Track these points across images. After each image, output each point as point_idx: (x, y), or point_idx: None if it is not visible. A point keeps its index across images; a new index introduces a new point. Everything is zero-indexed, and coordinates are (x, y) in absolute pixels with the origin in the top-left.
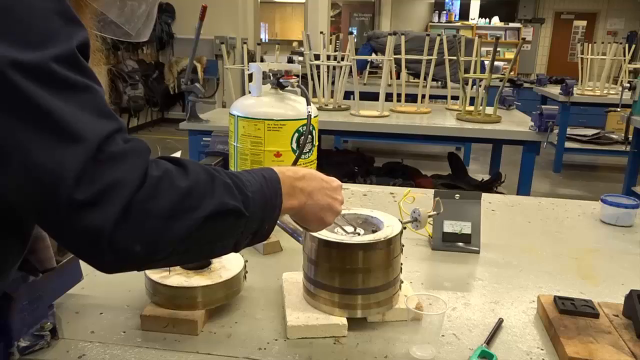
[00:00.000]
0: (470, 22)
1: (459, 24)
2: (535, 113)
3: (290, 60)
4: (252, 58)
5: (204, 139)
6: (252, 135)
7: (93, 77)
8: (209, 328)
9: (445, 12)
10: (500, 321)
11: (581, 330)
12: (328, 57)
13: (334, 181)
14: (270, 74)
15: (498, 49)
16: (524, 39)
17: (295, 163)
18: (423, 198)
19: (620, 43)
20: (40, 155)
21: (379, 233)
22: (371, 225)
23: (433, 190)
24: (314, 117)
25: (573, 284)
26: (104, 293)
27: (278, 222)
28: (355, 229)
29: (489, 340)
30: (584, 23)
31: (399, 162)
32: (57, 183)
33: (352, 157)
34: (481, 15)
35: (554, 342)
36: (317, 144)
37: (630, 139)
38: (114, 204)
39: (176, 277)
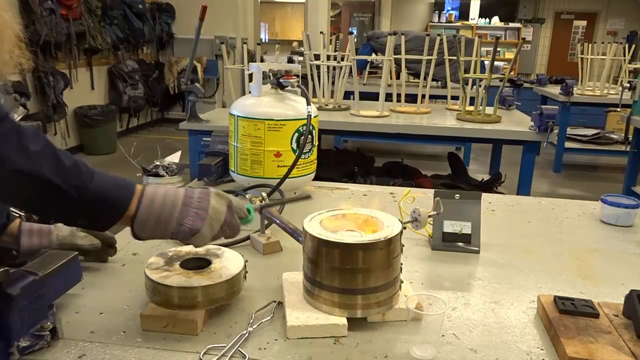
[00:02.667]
0: (470, 22)
1: (459, 24)
2: (535, 113)
3: (290, 60)
4: (252, 58)
5: (204, 139)
6: (252, 135)
7: None
8: (209, 328)
9: (445, 12)
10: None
11: (581, 330)
12: (328, 57)
13: (203, 201)
14: (270, 74)
15: (498, 49)
16: (524, 39)
17: (295, 163)
18: (423, 198)
19: (620, 43)
20: None
21: (379, 233)
22: (371, 225)
23: (433, 190)
24: (314, 117)
25: (573, 284)
26: (104, 293)
27: (277, 221)
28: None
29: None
30: (584, 23)
31: (399, 162)
32: None
33: (352, 157)
34: (481, 15)
35: (554, 342)
36: (317, 144)
37: (630, 139)
38: None
39: (176, 277)
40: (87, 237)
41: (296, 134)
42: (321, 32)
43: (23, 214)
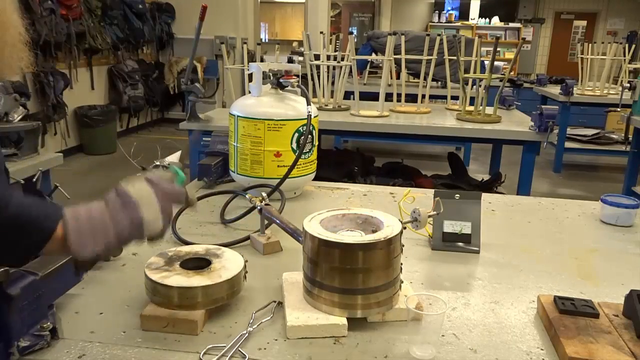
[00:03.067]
0: (470, 22)
1: (459, 24)
2: (535, 113)
3: (290, 60)
4: (252, 58)
5: (204, 139)
6: (252, 135)
7: None
8: (209, 328)
9: (445, 12)
10: None
11: (581, 330)
12: (328, 57)
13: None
14: (270, 74)
15: (498, 49)
16: (524, 39)
17: (295, 163)
18: (423, 198)
19: (620, 43)
20: None
21: (379, 233)
22: (371, 225)
23: (433, 190)
24: (314, 117)
25: (573, 284)
26: (104, 293)
27: (277, 221)
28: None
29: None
30: (584, 23)
31: (399, 162)
32: None
33: (352, 157)
34: (481, 15)
35: (554, 342)
36: (317, 144)
37: (630, 139)
38: None
39: (176, 277)
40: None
41: (296, 134)
42: (321, 32)
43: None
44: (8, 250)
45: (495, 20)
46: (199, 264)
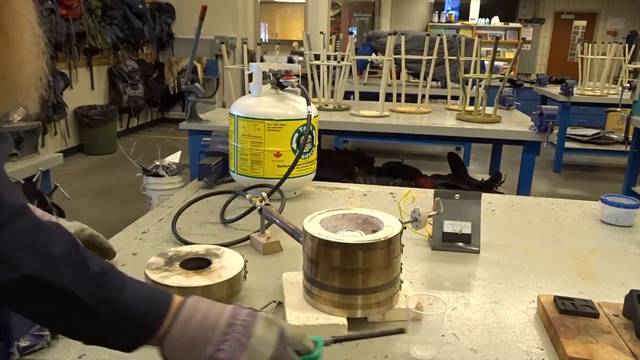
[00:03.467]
0: (470, 22)
1: (459, 24)
2: (535, 113)
3: (290, 60)
4: (252, 58)
5: (204, 139)
6: (252, 135)
7: None
8: None
9: (445, 12)
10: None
11: (581, 330)
12: (328, 57)
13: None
14: (270, 74)
15: (498, 49)
16: (524, 39)
17: (295, 163)
18: (423, 198)
19: (620, 43)
20: None
21: (379, 233)
22: (371, 225)
23: (433, 190)
24: (314, 117)
25: (573, 284)
26: None
27: (277, 221)
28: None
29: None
30: (584, 23)
31: (399, 162)
32: None
33: (352, 157)
34: (481, 15)
35: (554, 342)
36: (317, 144)
37: (630, 139)
38: None
39: (176, 277)
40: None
41: (296, 134)
42: (321, 32)
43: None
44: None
45: (495, 20)
46: (199, 264)
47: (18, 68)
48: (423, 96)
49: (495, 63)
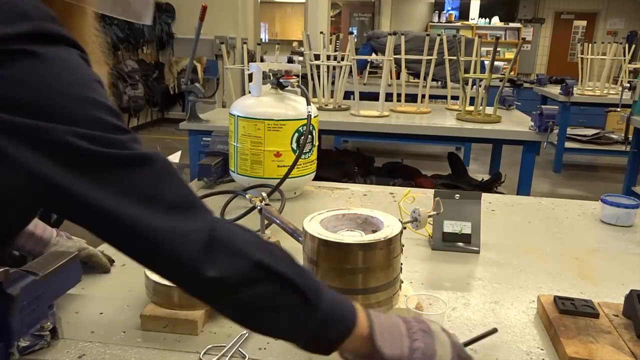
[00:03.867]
0: (470, 22)
1: (459, 24)
2: (535, 113)
3: (290, 60)
4: (252, 58)
5: (204, 139)
6: (252, 135)
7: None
8: (209, 328)
9: (445, 12)
10: (494, 330)
11: (581, 330)
12: (328, 57)
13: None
14: (270, 74)
15: (498, 49)
16: (524, 39)
17: (295, 163)
18: (423, 198)
19: (620, 43)
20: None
21: (379, 233)
22: (371, 225)
23: (433, 190)
24: (314, 117)
25: (573, 284)
26: (104, 293)
27: (277, 221)
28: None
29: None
30: (584, 23)
31: (399, 162)
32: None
33: (352, 157)
34: (481, 15)
35: (554, 342)
36: (317, 144)
37: (630, 139)
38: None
39: None
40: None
41: (296, 134)
42: (321, 32)
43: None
44: (312, 342)
45: (495, 20)
46: None
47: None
48: (423, 96)
49: (495, 63)
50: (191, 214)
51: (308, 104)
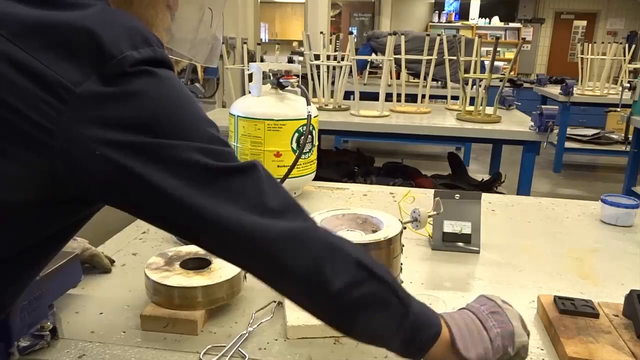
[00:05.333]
0: (470, 22)
1: (459, 24)
2: (535, 113)
3: (290, 60)
4: (252, 58)
5: None
6: (252, 135)
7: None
8: (209, 328)
9: (445, 12)
10: None
11: (581, 330)
12: (328, 57)
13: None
14: (270, 74)
15: (498, 49)
16: (524, 39)
17: (295, 163)
18: (423, 198)
19: (620, 43)
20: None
21: (379, 233)
22: (371, 225)
23: (433, 190)
24: (314, 117)
25: (573, 284)
26: (104, 293)
27: None
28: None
29: None
30: (584, 23)
31: (399, 162)
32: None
33: (352, 157)
34: (481, 15)
35: (554, 342)
36: (317, 144)
37: (630, 139)
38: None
39: (176, 277)
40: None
41: (296, 134)
42: (321, 32)
43: None
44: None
45: (495, 20)
46: (199, 264)
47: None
48: (423, 96)
49: (495, 63)
50: (295, 215)
51: (308, 104)
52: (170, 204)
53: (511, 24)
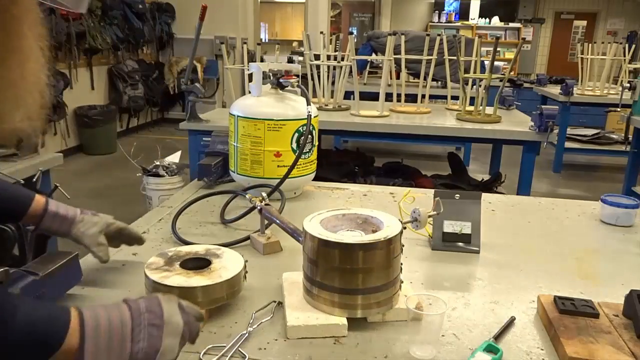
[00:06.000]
0: (470, 22)
1: (459, 24)
2: (535, 113)
3: (290, 60)
4: (252, 58)
5: (204, 139)
6: (252, 135)
7: None
8: (209, 328)
9: (445, 12)
10: (512, 319)
11: (581, 330)
12: (328, 57)
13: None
14: (270, 74)
15: (498, 49)
16: (524, 39)
17: (295, 163)
18: (423, 198)
19: (620, 43)
20: None
21: (379, 233)
22: (371, 225)
23: (433, 190)
24: (314, 117)
25: (573, 284)
26: (104, 293)
27: (277, 221)
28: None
29: (497, 337)
30: (584, 23)
31: (399, 162)
32: None
33: (352, 157)
34: (481, 15)
35: (554, 342)
36: (317, 144)
37: (630, 139)
38: None
39: (176, 277)
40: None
41: (296, 134)
42: (321, 32)
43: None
44: None
45: (495, 20)
46: (199, 264)
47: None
48: (423, 96)
49: (495, 63)
50: None
51: (308, 104)
52: None
53: (511, 24)
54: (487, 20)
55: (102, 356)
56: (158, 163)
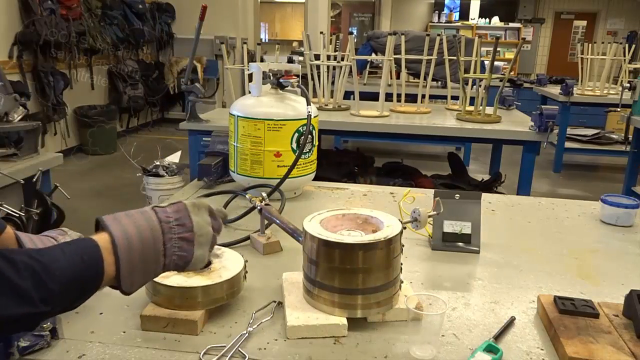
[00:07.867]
0: (470, 22)
1: (459, 24)
2: (535, 113)
3: (290, 60)
4: (252, 58)
5: (204, 139)
6: (252, 135)
7: None
8: (209, 328)
9: (445, 12)
10: (512, 319)
11: (581, 330)
12: (328, 57)
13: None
14: (270, 74)
15: (498, 49)
16: (524, 39)
17: (295, 163)
18: (423, 198)
19: (620, 43)
20: None
21: (379, 233)
22: (371, 225)
23: (433, 190)
24: (314, 117)
25: (573, 284)
26: (104, 293)
27: (277, 221)
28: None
29: (498, 337)
30: (584, 23)
31: (399, 162)
32: None
33: (352, 157)
34: (481, 15)
35: (554, 342)
36: (317, 144)
37: (630, 139)
38: None
39: (176, 277)
40: None
41: (296, 134)
42: (321, 32)
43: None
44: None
45: (495, 20)
46: None
47: None
48: (423, 96)
49: (495, 63)
50: None
51: (308, 104)
52: None
53: (511, 24)
54: (487, 20)
55: (137, 277)
56: (158, 163)
